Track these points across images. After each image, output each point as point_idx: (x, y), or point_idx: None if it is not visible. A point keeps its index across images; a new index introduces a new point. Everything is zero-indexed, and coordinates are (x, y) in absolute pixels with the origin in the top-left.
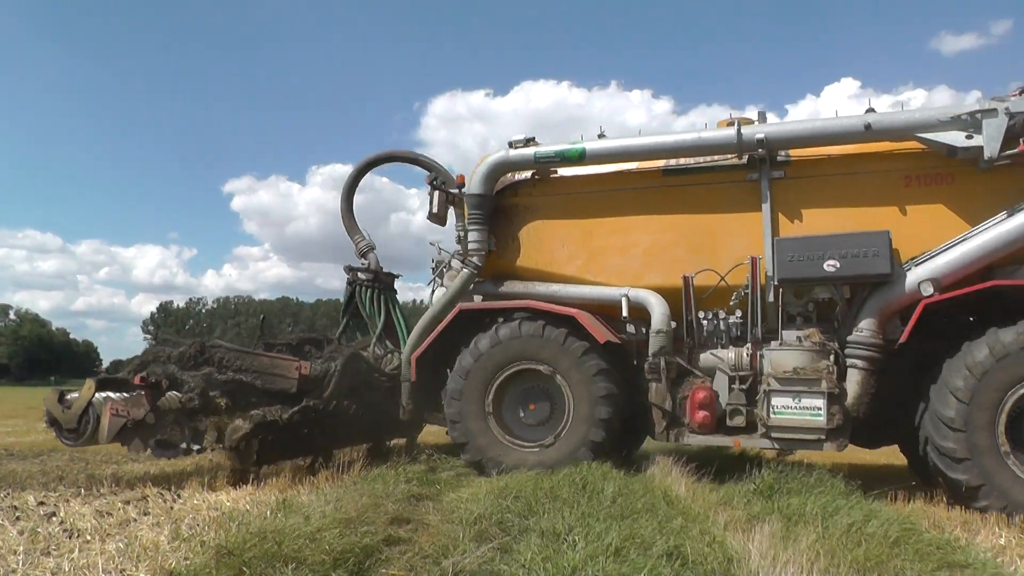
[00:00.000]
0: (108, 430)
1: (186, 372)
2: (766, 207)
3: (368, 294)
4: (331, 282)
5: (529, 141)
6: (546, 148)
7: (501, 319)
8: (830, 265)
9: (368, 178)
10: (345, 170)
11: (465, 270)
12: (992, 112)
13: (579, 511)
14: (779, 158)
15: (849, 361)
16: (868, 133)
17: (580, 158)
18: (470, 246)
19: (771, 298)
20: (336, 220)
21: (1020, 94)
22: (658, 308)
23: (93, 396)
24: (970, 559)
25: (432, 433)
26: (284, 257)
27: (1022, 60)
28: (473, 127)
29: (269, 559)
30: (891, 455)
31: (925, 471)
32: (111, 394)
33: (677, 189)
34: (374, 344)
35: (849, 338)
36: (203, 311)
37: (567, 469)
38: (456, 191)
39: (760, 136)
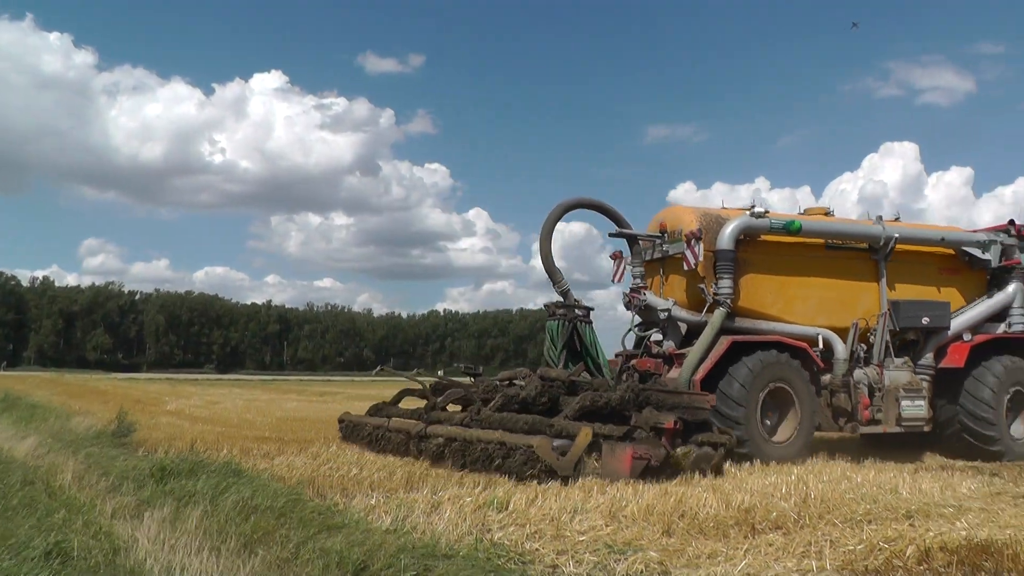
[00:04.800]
0: (632, 471)
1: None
2: (883, 280)
3: (586, 329)
4: None
5: (765, 213)
6: (778, 220)
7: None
8: (925, 319)
9: None
10: None
11: (721, 309)
12: (995, 242)
13: None
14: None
15: (920, 377)
16: (940, 243)
17: (798, 231)
18: (722, 291)
19: (887, 337)
20: None
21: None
22: (839, 343)
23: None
24: (346, 520)
25: None
26: None
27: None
28: None
29: None
30: None
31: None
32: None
33: (833, 260)
34: (596, 370)
35: (920, 362)
36: None
37: None
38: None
39: (893, 235)
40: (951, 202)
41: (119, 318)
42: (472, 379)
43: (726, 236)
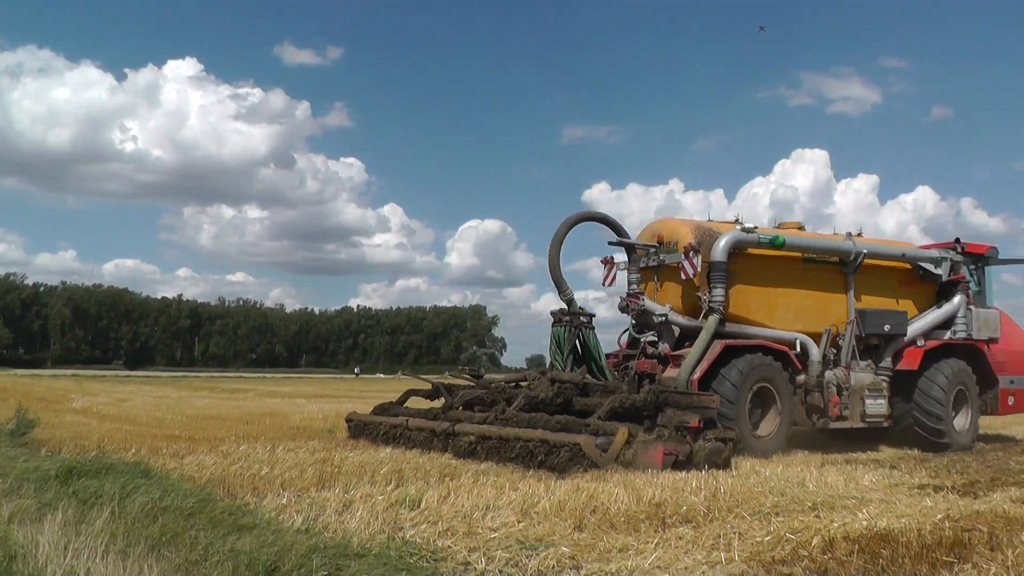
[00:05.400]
0: (663, 464)
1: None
2: (851, 291)
3: (590, 334)
4: None
5: (755, 228)
6: (765, 234)
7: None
8: (887, 327)
9: None
10: None
11: (714, 316)
12: (946, 258)
13: None
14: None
15: (881, 378)
16: (901, 258)
17: (782, 245)
18: (715, 299)
19: (853, 342)
20: None
21: (761, 30)
22: (814, 347)
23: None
24: (257, 520)
25: None
26: None
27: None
28: None
29: None
30: None
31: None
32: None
33: (809, 272)
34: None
35: (880, 365)
36: None
37: None
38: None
39: (863, 250)
40: (858, 208)
41: (21, 311)
42: (475, 380)
43: (720, 249)
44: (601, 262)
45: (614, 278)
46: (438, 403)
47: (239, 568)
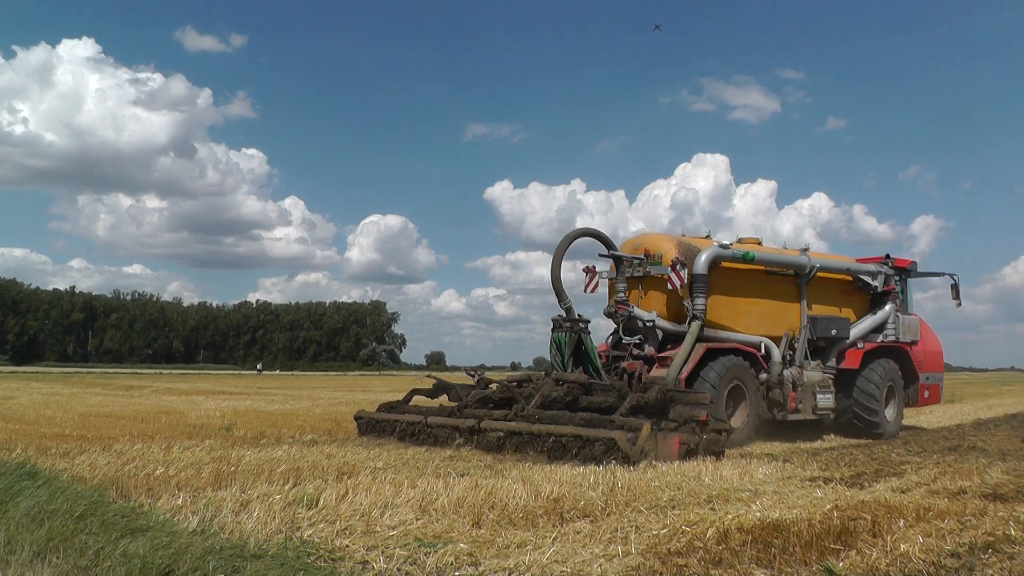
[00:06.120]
0: (679, 455)
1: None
2: (804, 300)
3: (587, 339)
4: None
5: (731, 245)
6: (738, 250)
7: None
8: (833, 331)
9: None
10: None
11: (697, 322)
12: (881, 272)
13: None
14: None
15: (828, 375)
16: (846, 271)
17: (751, 260)
18: (697, 307)
19: (806, 344)
20: None
21: (656, 29)
22: (775, 349)
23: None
24: (151, 522)
25: None
26: None
27: (257, 71)
28: None
29: None
30: None
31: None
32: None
33: (771, 284)
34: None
35: (827, 364)
36: None
37: None
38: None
39: (816, 265)
40: (757, 212)
41: None
42: (474, 378)
43: (702, 263)
44: (583, 271)
45: (596, 286)
46: (437, 402)
47: (132, 572)
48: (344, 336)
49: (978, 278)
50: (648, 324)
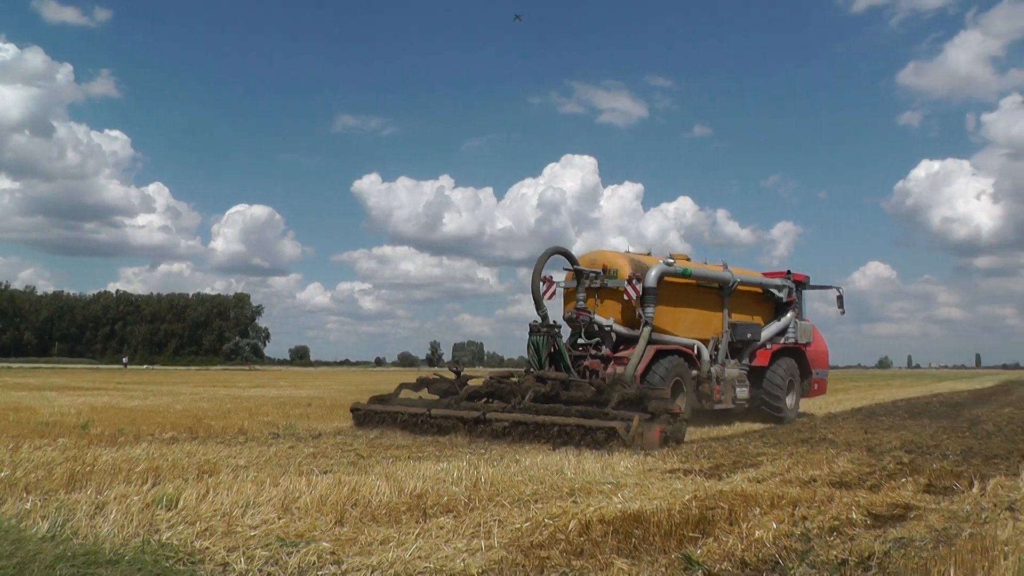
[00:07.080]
0: (659, 442)
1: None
2: (726, 309)
3: (560, 341)
4: None
5: (674, 262)
6: (680, 267)
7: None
8: (749, 335)
9: None
10: None
11: (648, 327)
12: (786, 285)
13: None
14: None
15: (743, 372)
16: (759, 285)
17: (689, 275)
18: (647, 315)
19: (727, 346)
20: None
21: (516, 19)
22: (705, 350)
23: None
24: None
25: None
26: None
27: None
28: None
29: None
30: None
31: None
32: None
33: (701, 295)
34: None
35: (743, 362)
36: None
37: None
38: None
39: (737, 279)
40: (623, 213)
41: None
42: (456, 373)
43: (652, 277)
44: (541, 281)
45: (553, 293)
46: (419, 395)
47: None
48: (207, 330)
49: (831, 282)
50: (606, 329)
